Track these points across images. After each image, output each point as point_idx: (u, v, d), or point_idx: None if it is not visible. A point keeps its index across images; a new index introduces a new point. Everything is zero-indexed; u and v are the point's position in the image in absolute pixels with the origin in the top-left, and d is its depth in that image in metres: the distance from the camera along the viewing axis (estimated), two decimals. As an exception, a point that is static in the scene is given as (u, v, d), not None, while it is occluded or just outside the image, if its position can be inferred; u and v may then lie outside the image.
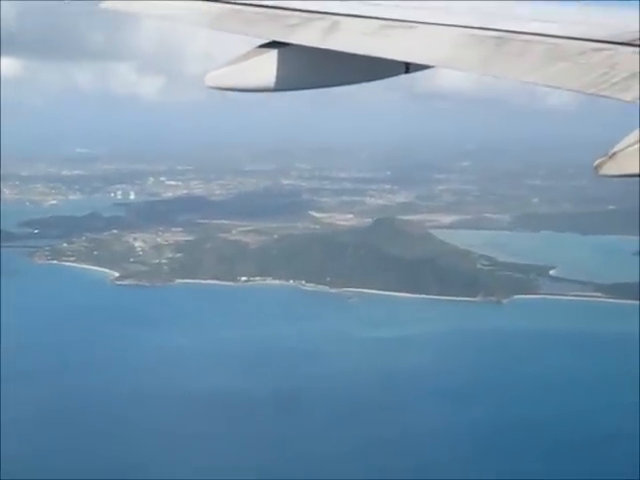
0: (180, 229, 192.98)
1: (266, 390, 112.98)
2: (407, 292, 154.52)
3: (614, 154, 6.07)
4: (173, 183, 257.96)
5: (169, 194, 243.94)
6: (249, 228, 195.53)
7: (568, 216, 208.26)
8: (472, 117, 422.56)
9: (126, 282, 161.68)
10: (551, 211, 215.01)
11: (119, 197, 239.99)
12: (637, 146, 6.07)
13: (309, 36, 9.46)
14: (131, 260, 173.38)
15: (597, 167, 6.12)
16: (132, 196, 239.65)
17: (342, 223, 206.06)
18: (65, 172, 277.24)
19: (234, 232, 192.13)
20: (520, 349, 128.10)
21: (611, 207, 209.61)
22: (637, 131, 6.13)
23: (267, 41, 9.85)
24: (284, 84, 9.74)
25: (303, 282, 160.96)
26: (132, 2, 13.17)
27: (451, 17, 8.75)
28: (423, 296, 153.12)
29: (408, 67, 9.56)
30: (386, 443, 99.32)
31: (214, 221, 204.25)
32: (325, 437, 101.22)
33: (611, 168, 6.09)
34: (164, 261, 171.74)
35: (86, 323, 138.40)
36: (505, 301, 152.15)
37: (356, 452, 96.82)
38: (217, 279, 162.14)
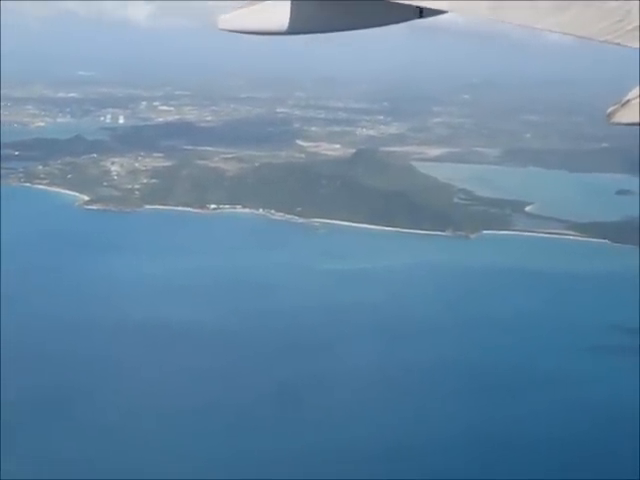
0: (161, 155, 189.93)
1: (219, 320, 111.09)
2: (377, 225, 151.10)
3: (627, 102, 6.18)
4: (165, 108, 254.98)
5: (160, 119, 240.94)
6: (231, 155, 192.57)
7: (558, 153, 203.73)
8: (479, 51, 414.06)
9: (94, 207, 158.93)
10: (542, 147, 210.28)
11: (108, 121, 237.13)
12: None
13: None
14: (104, 184, 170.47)
15: (610, 115, 6.26)
16: (121, 120, 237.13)
17: (328, 153, 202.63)
18: (61, 94, 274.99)
19: (216, 159, 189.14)
20: (479, 284, 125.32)
21: (604, 145, 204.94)
22: None
23: None
24: (297, 28, 9.60)
25: (273, 211, 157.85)
26: None
27: None
28: (392, 229, 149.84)
29: (422, 11, 9.47)
30: (343, 376, 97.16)
31: (199, 147, 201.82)
32: (282, 369, 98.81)
33: (624, 116, 6.23)
34: (137, 186, 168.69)
35: (47, 246, 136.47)
36: (473, 236, 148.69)
37: (312, 386, 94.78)
38: (187, 206, 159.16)
